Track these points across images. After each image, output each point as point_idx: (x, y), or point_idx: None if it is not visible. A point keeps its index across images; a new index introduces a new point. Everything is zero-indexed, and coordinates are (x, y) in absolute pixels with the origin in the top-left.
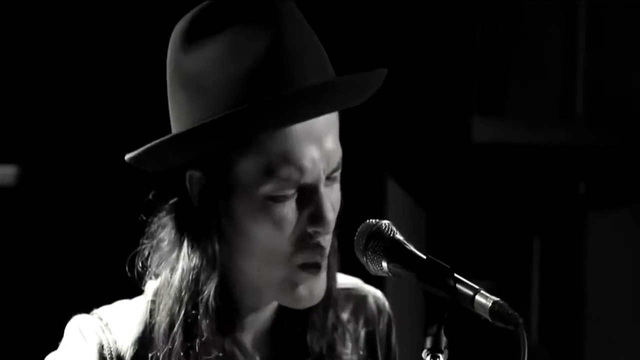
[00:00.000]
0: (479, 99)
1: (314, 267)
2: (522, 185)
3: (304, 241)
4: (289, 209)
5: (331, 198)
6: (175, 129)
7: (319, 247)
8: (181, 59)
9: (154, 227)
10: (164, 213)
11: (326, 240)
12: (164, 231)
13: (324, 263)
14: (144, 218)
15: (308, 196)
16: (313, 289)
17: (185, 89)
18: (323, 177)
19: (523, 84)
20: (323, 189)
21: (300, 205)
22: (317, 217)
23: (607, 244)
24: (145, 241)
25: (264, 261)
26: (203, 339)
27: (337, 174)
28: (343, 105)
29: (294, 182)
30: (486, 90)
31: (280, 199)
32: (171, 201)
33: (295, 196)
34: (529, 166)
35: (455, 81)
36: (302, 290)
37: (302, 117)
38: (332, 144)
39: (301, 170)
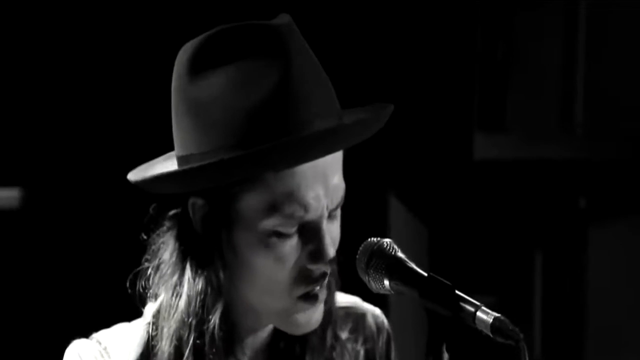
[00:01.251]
0: (480, 116)
1: (313, 298)
2: (523, 200)
3: (304, 275)
4: (290, 245)
5: (332, 233)
6: (179, 151)
7: (319, 280)
8: (187, 87)
9: (155, 246)
10: (165, 230)
11: (326, 271)
12: (167, 251)
13: (323, 294)
14: (145, 237)
15: (310, 232)
16: (311, 317)
17: (191, 117)
18: (326, 213)
19: (523, 99)
20: (325, 225)
21: (302, 241)
22: (318, 254)
23: (608, 257)
24: (147, 259)
25: (264, 291)
26: None
27: (339, 209)
28: (350, 144)
29: (298, 219)
30: (487, 106)
31: (282, 235)
32: (173, 218)
33: (297, 232)
34: (530, 181)
35: (456, 98)
36: (300, 318)
37: (310, 159)
38: (336, 180)
39: (305, 208)
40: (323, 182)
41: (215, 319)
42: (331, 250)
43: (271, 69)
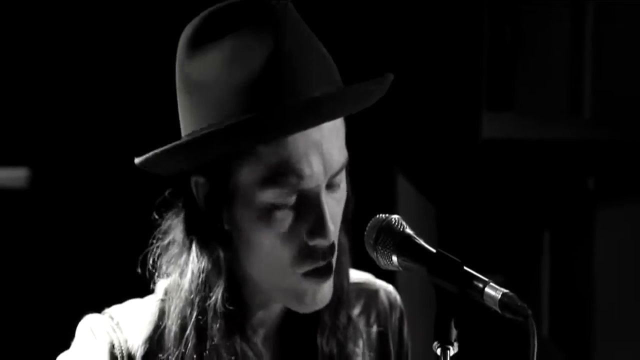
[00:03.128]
0: (488, 96)
1: (318, 276)
2: (532, 180)
3: (307, 251)
4: (289, 218)
5: (332, 208)
6: (183, 131)
7: (322, 255)
8: (186, 65)
9: (164, 227)
10: (174, 213)
11: (330, 247)
12: (175, 232)
13: (329, 270)
14: (156, 217)
15: (308, 204)
16: (317, 296)
17: (190, 94)
18: (323, 183)
19: (531, 80)
20: (324, 197)
21: (301, 214)
22: (317, 229)
23: (616, 237)
24: (156, 240)
25: (268, 268)
26: (214, 342)
27: (341, 181)
28: (346, 113)
29: (293, 188)
30: (495, 86)
31: (280, 207)
32: (181, 203)
33: (296, 205)
34: (539, 161)
35: (464, 78)
36: (306, 296)
37: (305, 127)
38: (333, 147)
39: (300, 176)
40: (317, 150)
41: (217, 295)
42: (330, 225)
43: (264, 41)
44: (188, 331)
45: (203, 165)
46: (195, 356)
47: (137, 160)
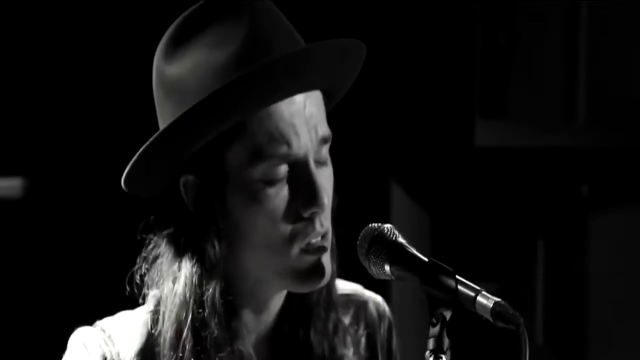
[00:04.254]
0: (482, 103)
1: (316, 249)
2: (526, 187)
3: (302, 224)
4: (282, 193)
5: (324, 180)
6: None
7: (318, 228)
8: (164, 70)
9: (150, 246)
10: (160, 230)
11: (325, 222)
12: (161, 248)
13: (327, 244)
14: (143, 237)
15: (299, 174)
16: (318, 270)
17: (170, 96)
18: (311, 152)
19: (525, 86)
20: (313, 167)
21: (293, 187)
22: (310, 197)
23: (610, 245)
24: (142, 259)
25: (266, 252)
26: (214, 335)
27: (327, 158)
28: (325, 78)
29: (282, 157)
30: (489, 93)
31: (272, 183)
32: (168, 221)
33: (287, 179)
34: (532, 169)
35: (457, 86)
36: (308, 273)
37: (285, 89)
38: (316, 118)
39: (288, 143)
40: (302, 118)
41: (214, 287)
42: (323, 193)
43: (237, 28)
44: (184, 334)
45: (190, 162)
46: (192, 358)
47: (124, 177)
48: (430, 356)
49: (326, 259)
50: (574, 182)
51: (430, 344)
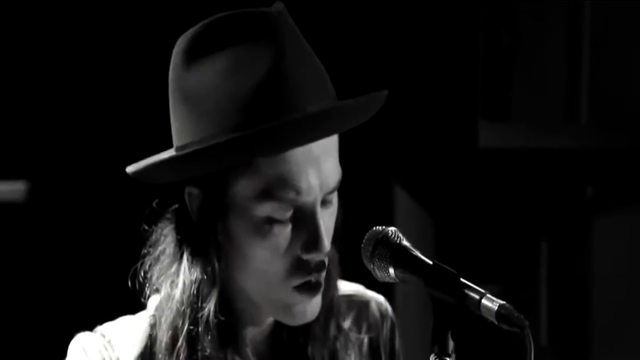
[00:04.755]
0: (485, 105)
1: (309, 289)
2: (529, 189)
3: (300, 265)
4: (285, 234)
5: (326, 223)
6: (176, 142)
7: (314, 269)
8: (183, 76)
9: (154, 237)
10: (165, 223)
11: (322, 262)
12: (165, 242)
13: (319, 284)
14: (146, 228)
15: (304, 220)
16: (307, 308)
17: (187, 105)
18: (319, 199)
19: (528, 88)
20: (319, 214)
21: (296, 229)
22: (312, 243)
23: (614, 246)
24: (146, 251)
25: (260, 281)
26: (206, 353)
27: (334, 198)
28: (344, 129)
29: (291, 203)
30: (491, 95)
31: (276, 222)
32: (172, 211)
33: (292, 219)
34: (536, 170)
35: (460, 87)
36: (296, 309)
37: (303, 143)
38: (330, 164)
39: (298, 191)
40: (315, 166)
41: (210, 306)
42: (326, 240)
43: (263, 54)
44: (180, 342)
45: (198, 177)
46: None
47: (129, 169)
48: (435, 359)
49: (317, 299)
50: (577, 184)
51: (435, 347)
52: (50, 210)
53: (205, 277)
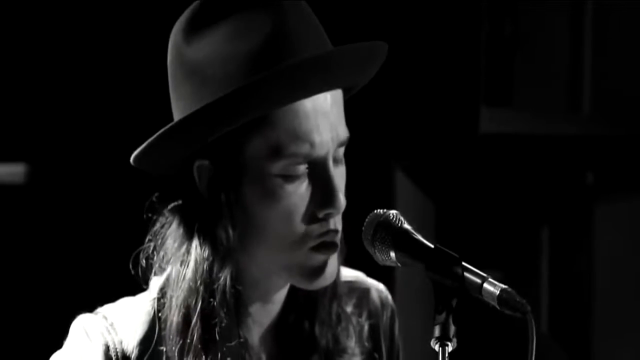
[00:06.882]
0: (487, 90)
1: (327, 248)
2: (530, 175)
3: (317, 224)
4: (299, 191)
5: (340, 180)
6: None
7: (331, 231)
8: (184, 51)
9: (158, 225)
10: (169, 211)
11: (338, 223)
12: (170, 228)
13: (335, 245)
14: (149, 216)
15: (318, 174)
16: (326, 270)
17: (191, 79)
18: (332, 153)
19: (530, 75)
20: (332, 168)
21: (311, 184)
22: (327, 197)
23: (615, 233)
24: (150, 238)
25: (277, 247)
26: (223, 324)
27: (342, 157)
28: (348, 77)
29: (304, 157)
30: (493, 81)
31: (291, 178)
32: (177, 199)
33: (306, 175)
34: (537, 157)
35: (462, 73)
36: (316, 271)
37: (311, 88)
38: (338, 118)
39: (311, 144)
40: (326, 118)
41: (225, 276)
42: (341, 195)
43: (266, 15)
44: (193, 322)
45: (207, 148)
46: (200, 346)
47: (136, 153)
48: (436, 343)
49: (334, 258)
50: (578, 170)
51: (436, 331)
52: (50, 192)
53: (218, 251)
